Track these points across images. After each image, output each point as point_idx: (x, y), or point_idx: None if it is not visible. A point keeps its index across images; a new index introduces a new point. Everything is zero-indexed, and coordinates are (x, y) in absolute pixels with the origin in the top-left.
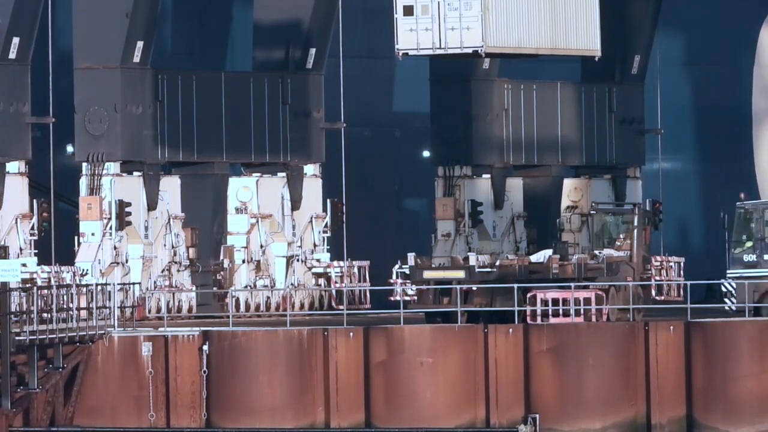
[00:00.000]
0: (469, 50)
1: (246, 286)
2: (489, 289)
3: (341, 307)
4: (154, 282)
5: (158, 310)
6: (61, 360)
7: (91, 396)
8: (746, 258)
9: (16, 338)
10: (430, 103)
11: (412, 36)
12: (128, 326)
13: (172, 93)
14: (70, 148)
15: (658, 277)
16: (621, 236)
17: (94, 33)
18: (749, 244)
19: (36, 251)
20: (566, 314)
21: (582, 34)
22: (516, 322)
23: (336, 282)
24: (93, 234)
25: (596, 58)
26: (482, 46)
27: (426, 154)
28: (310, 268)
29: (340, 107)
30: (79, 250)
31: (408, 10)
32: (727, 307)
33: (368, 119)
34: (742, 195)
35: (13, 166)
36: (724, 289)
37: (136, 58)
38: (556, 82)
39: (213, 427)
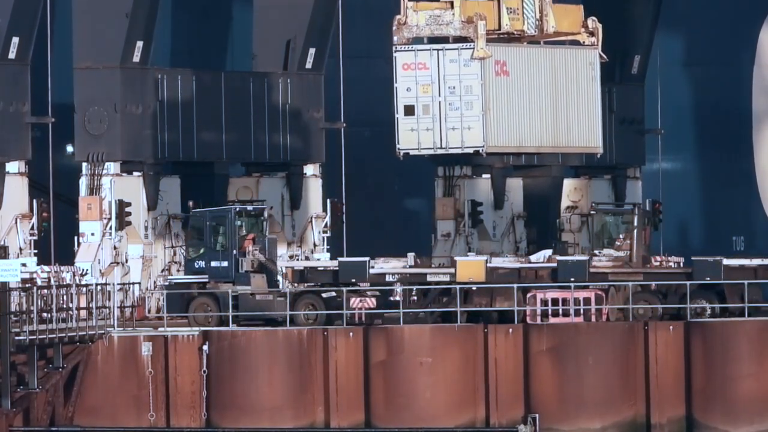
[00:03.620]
0: (470, 150)
1: None
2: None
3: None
4: (154, 282)
5: (158, 310)
6: (61, 360)
7: (91, 396)
8: (197, 265)
9: (16, 338)
10: None
11: (413, 136)
12: (128, 326)
13: (172, 93)
14: (70, 148)
15: None
16: (621, 236)
17: (93, 33)
18: (202, 251)
19: (36, 251)
20: (566, 314)
21: (584, 131)
22: (516, 322)
23: None
24: (93, 234)
25: (598, 155)
26: (483, 146)
27: None
28: None
29: (340, 107)
30: (79, 250)
31: (409, 110)
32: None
33: (368, 119)
34: (190, 203)
35: (13, 166)
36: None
37: (136, 58)
38: None
39: (213, 427)
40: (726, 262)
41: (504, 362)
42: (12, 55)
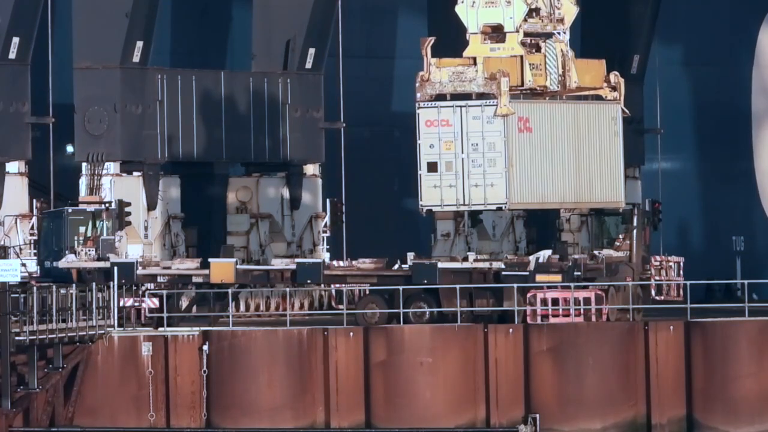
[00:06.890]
0: (493, 207)
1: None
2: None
3: (341, 306)
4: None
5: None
6: (61, 360)
7: (91, 396)
8: (46, 265)
9: (16, 338)
10: None
11: (436, 192)
12: (128, 326)
13: (171, 93)
14: (69, 148)
15: (657, 277)
16: (620, 236)
17: (93, 33)
18: (48, 251)
19: (36, 251)
20: (566, 314)
21: (606, 186)
22: (516, 322)
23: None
24: None
25: (620, 210)
26: (506, 203)
27: None
28: None
29: (340, 107)
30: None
31: (432, 167)
32: None
33: (368, 119)
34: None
35: (12, 166)
36: None
37: (136, 58)
38: None
39: (213, 427)
40: (441, 265)
41: (504, 362)
42: (12, 55)
